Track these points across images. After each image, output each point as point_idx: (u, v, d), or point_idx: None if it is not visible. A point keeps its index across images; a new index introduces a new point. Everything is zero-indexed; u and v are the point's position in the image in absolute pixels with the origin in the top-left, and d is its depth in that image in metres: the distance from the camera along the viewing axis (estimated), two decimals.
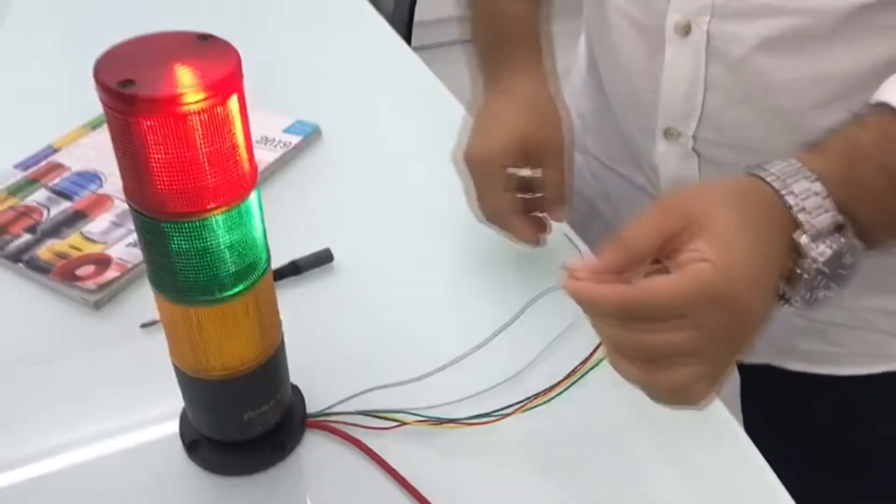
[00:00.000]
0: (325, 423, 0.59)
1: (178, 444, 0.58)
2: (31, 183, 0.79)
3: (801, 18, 0.58)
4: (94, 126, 0.86)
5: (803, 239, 0.45)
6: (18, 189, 0.78)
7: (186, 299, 0.48)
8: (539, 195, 0.68)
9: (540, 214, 0.68)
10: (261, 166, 0.80)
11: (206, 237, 0.46)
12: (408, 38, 1.72)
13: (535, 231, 0.67)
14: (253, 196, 0.48)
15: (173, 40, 0.44)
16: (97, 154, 0.83)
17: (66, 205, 0.77)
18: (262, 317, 0.52)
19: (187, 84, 0.42)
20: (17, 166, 0.81)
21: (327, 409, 0.59)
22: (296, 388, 0.60)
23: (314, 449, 0.59)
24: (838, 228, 0.45)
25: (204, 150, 0.43)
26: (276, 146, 0.84)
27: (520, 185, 0.67)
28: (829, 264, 0.45)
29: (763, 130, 0.64)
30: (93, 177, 0.80)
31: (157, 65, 0.42)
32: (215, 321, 0.49)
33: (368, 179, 0.83)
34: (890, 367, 0.74)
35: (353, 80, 0.98)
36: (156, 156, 0.43)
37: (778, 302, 0.47)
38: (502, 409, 0.59)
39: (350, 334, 0.67)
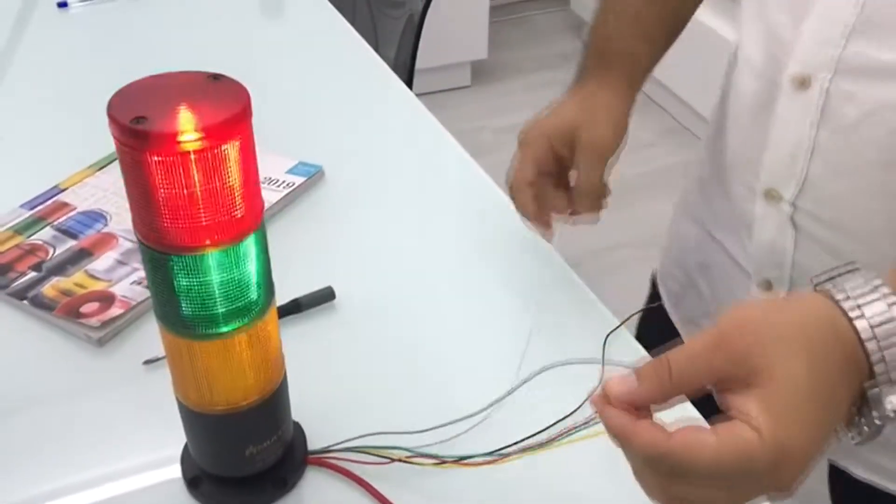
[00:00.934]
0: (326, 460, 0.59)
1: (180, 481, 0.58)
2: (38, 222, 0.80)
3: None
4: (100, 167, 0.88)
5: (873, 391, 0.41)
6: (24, 228, 0.79)
7: (189, 333, 0.49)
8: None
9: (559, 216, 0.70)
10: (264, 206, 0.82)
11: (202, 273, 0.47)
12: (409, 84, 1.75)
13: (543, 217, 0.68)
14: (251, 237, 0.48)
15: (183, 79, 0.45)
16: (103, 194, 0.84)
17: (71, 243, 0.78)
18: (265, 352, 0.52)
19: (187, 123, 0.43)
20: (23, 206, 0.82)
21: (328, 446, 0.59)
22: (297, 425, 0.60)
23: (315, 486, 0.59)
24: None
25: (200, 188, 0.44)
26: (279, 186, 0.85)
27: (552, 166, 0.68)
28: None
29: (868, 212, 0.60)
30: (98, 216, 0.81)
31: (170, 102, 0.43)
32: (218, 356, 0.50)
33: (370, 220, 0.84)
34: None
35: (355, 122, 1.00)
36: (160, 191, 0.44)
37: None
38: (504, 447, 0.59)
39: (351, 372, 0.67)
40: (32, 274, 0.74)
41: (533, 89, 2.71)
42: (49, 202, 0.83)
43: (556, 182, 0.69)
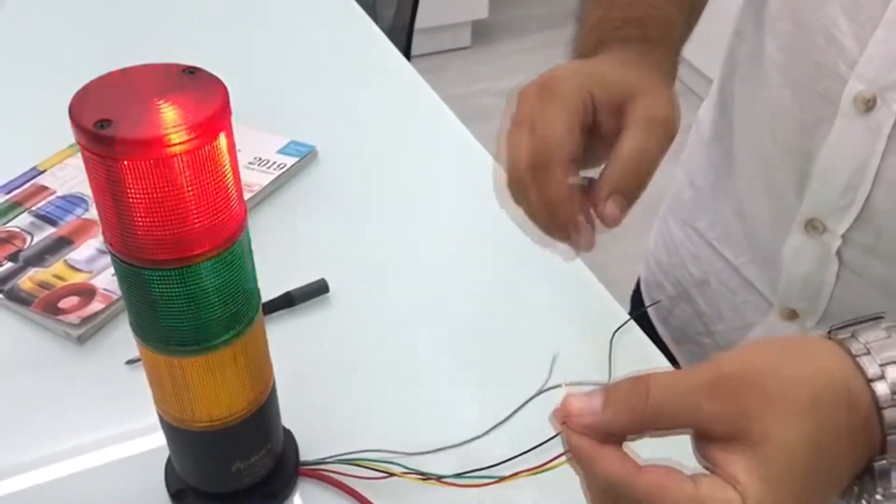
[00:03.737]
0: (319, 472, 0.56)
1: (164, 493, 0.55)
2: (14, 207, 0.76)
3: None
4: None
5: (881, 466, 0.35)
6: (1, 214, 0.75)
7: (171, 349, 0.45)
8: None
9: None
10: (254, 189, 0.77)
11: (191, 285, 0.43)
12: (408, 46, 1.69)
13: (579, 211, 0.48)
14: (242, 239, 0.45)
15: (155, 74, 0.41)
16: (84, 177, 0.79)
17: (50, 230, 0.74)
18: (252, 364, 0.49)
19: (170, 124, 0.38)
20: (0, 188, 0.78)
21: (322, 458, 0.56)
22: (288, 433, 0.57)
23: (307, 498, 0.55)
24: None
25: (190, 193, 0.40)
26: (269, 168, 0.80)
27: (586, 135, 0.48)
28: None
29: None
30: (79, 200, 0.77)
31: (138, 102, 0.39)
32: (201, 371, 0.46)
33: (367, 203, 0.80)
34: None
35: (350, 98, 0.95)
36: (137, 200, 0.40)
37: None
38: (505, 461, 0.55)
39: (346, 372, 0.64)
40: (8, 265, 0.70)
41: (536, 50, 2.64)
42: (27, 185, 0.78)
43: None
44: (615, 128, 0.48)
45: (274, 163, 0.81)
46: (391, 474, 0.55)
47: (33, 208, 0.76)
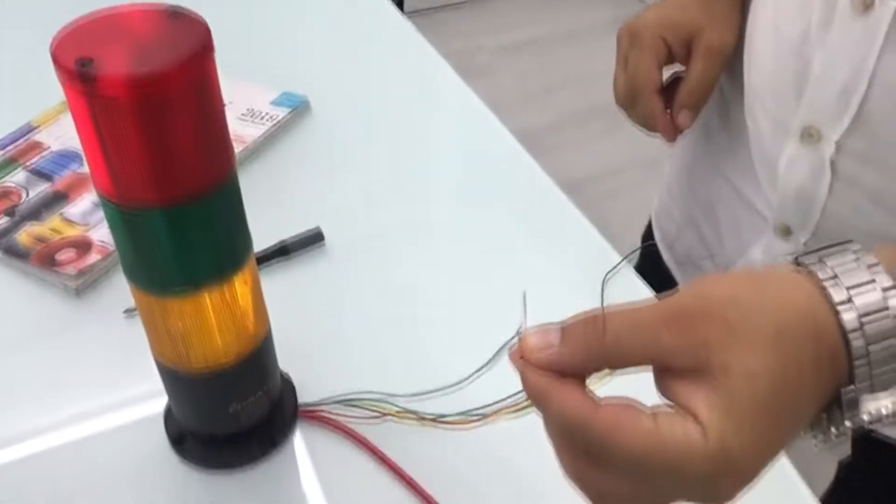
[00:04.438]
0: (317, 414, 0.56)
1: (164, 439, 0.56)
2: (9, 163, 0.76)
3: None
4: None
5: (849, 394, 0.35)
6: None
7: (163, 292, 0.46)
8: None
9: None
10: (246, 142, 0.77)
11: (181, 227, 0.43)
12: (400, 3, 1.68)
13: (668, 119, 0.67)
14: (230, 182, 0.45)
15: (139, 15, 0.41)
16: None
17: (45, 186, 0.74)
18: (246, 307, 0.49)
19: (153, 63, 0.38)
20: None
21: (321, 400, 0.57)
22: (286, 379, 0.58)
23: (306, 440, 0.56)
24: None
25: (178, 133, 0.40)
26: (262, 120, 0.80)
27: (667, 60, 0.67)
28: (878, 421, 0.35)
29: None
30: (73, 156, 0.77)
31: (121, 42, 0.39)
32: (195, 314, 0.47)
33: (361, 153, 0.80)
34: None
35: (342, 49, 0.94)
36: (123, 141, 0.40)
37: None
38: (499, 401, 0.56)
39: (342, 319, 0.64)
40: (5, 219, 0.70)
41: (533, 4, 2.61)
42: (21, 141, 0.78)
43: None
44: (687, 57, 0.66)
45: (266, 115, 0.81)
46: (386, 414, 0.55)
47: (28, 164, 0.76)
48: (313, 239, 0.69)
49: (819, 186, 0.58)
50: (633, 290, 0.67)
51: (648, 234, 0.85)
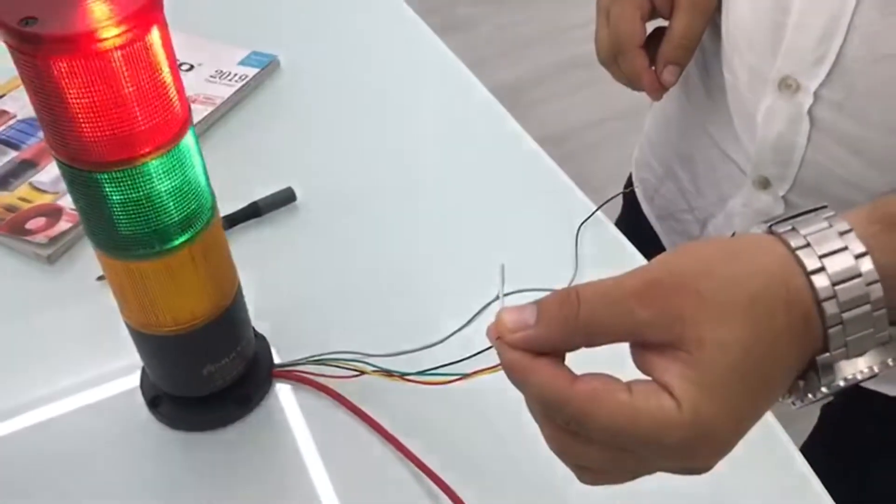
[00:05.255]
0: (293, 373, 0.57)
1: (140, 401, 0.56)
2: None
3: None
4: None
5: (824, 360, 0.35)
6: None
7: (127, 254, 0.45)
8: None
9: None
10: (216, 103, 0.76)
11: (141, 185, 0.43)
12: None
13: (653, 75, 0.65)
14: (189, 136, 0.44)
15: None
16: None
17: (12, 154, 0.73)
18: (213, 267, 0.49)
19: (101, 18, 0.38)
20: None
21: (296, 360, 0.57)
22: (261, 338, 0.58)
23: (282, 399, 0.56)
24: (882, 344, 0.35)
25: (129, 89, 0.40)
26: (231, 80, 0.79)
27: (649, 15, 0.65)
28: (852, 384, 0.35)
29: None
30: None
31: (64, 1, 0.38)
32: (160, 275, 0.46)
33: (332, 112, 0.79)
34: None
35: (313, 6, 0.93)
36: (74, 101, 0.39)
37: None
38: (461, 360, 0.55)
39: (315, 279, 0.64)
40: None
41: None
42: None
43: None
44: (670, 11, 0.64)
45: (235, 74, 0.80)
46: (361, 372, 0.55)
47: None
48: (285, 199, 0.68)
49: (797, 137, 0.58)
50: (611, 240, 0.67)
51: (629, 185, 0.85)
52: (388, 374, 0.54)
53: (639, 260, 0.66)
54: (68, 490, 0.52)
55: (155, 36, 0.40)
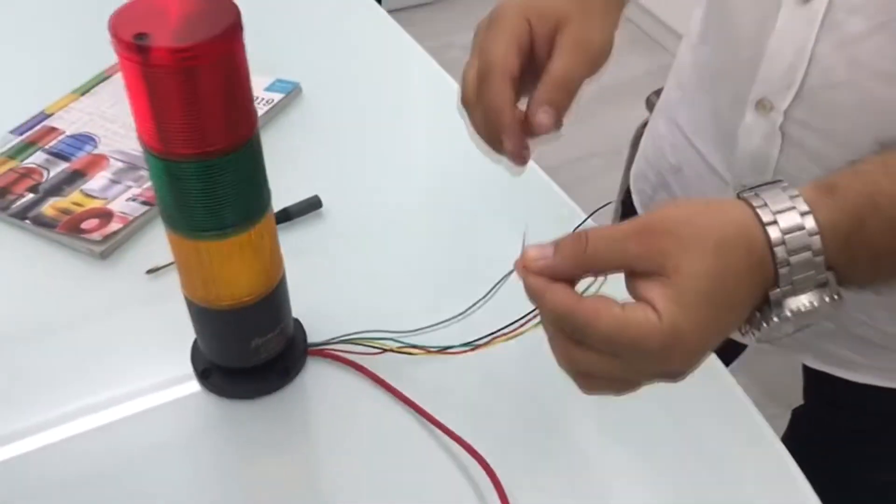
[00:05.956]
0: (325, 351, 0.65)
1: (191, 375, 0.63)
2: (29, 146, 0.83)
3: None
4: (83, 92, 0.90)
5: (775, 295, 0.44)
6: (17, 153, 0.82)
7: (197, 234, 0.54)
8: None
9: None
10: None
11: (211, 177, 0.51)
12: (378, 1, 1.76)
13: (516, 119, 0.55)
14: (254, 140, 0.53)
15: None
16: (89, 117, 0.87)
17: (64, 165, 0.81)
18: (265, 251, 0.57)
19: (194, 38, 0.46)
20: (12, 132, 0.85)
21: (327, 339, 0.65)
22: (297, 322, 0.66)
23: (315, 374, 0.64)
24: (821, 285, 0.44)
25: (210, 96, 0.48)
26: (259, 104, 0.88)
27: (526, 55, 0.56)
28: (798, 318, 0.45)
29: (856, 122, 0.62)
30: (87, 138, 0.84)
31: (166, 20, 0.47)
32: (222, 255, 0.55)
33: (349, 131, 0.88)
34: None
35: (329, 40, 1.02)
36: (167, 103, 0.48)
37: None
38: (479, 339, 0.64)
39: (341, 275, 0.73)
40: (30, 195, 0.77)
41: None
42: (37, 127, 0.86)
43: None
44: (549, 52, 0.56)
45: (262, 99, 0.89)
46: (386, 350, 0.64)
47: (46, 146, 0.83)
48: (312, 205, 0.77)
49: (771, 149, 0.68)
50: None
51: (627, 196, 0.95)
52: (410, 348, 0.63)
53: None
54: (133, 453, 0.60)
55: (234, 56, 0.49)
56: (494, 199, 0.80)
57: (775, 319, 0.45)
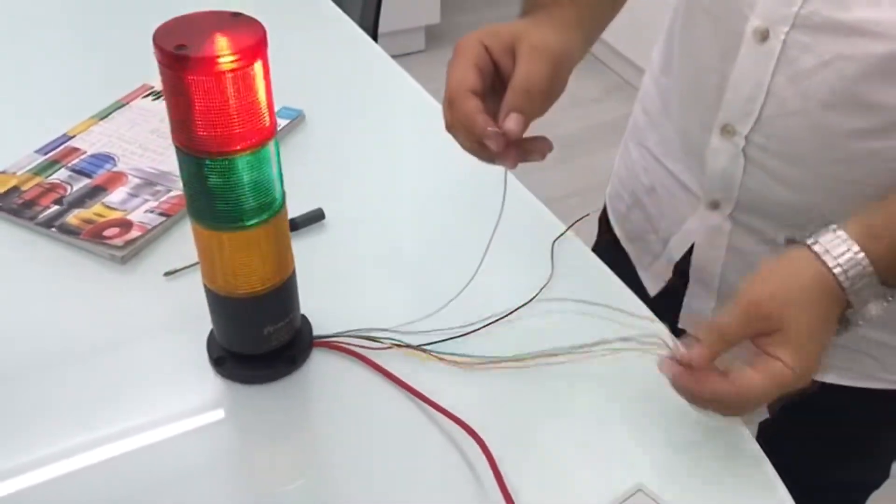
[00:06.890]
0: (329, 342, 0.71)
1: (206, 362, 0.70)
2: (53, 164, 0.90)
3: (887, 45, 0.61)
4: (102, 117, 0.97)
5: (851, 314, 0.61)
6: (42, 170, 0.89)
7: (218, 226, 0.60)
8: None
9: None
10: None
11: (232, 173, 0.58)
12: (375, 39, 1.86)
13: (488, 120, 0.61)
14: (271, 144, 0.60)
15: (211, 17, 0.56)
16: (108, 139, 0.94)
17: (86, 181, 0.88)
18: (278, 245, 0.64)
19: (223, 49, 0.54)
20: (37, 151, 0.92)
21: (331, 332, 0.71)
22: (304, 317, 0.72)
23: (320, 363, 0.71)
24: (879, 296, 0.60)
25: (234, 101, 0.56)
26: None
27: (490, 75, 0.63)
28: (867, 321, 0.61)
29: (811, 144, 0.69)
30: (107, 158, 0.91)
31: (201, 35, 0.54)
32: (241, 246, 0.61)
33: (349, 154, 0.96)
34: (871, 385, 0.85)
35: (330, 73, 1.11)
36: (198, 105, 0.55)
37: None
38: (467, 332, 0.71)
39: (344, 278, 0.79)
40: (56, 207, 0.84)
41: None
42: (61, 147, 0.93)
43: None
44: (512, 65, 0.62)
45: None
46: (375, 339, 0.70)
47: (69, 164, 0.90)
48: (316, 217, 0.84)
49: (736, 169, 0.76)
50: (581, 256, 0.83)
51: (604, 216, 1.02)
52: (401, 344, 0.69)
53: (603, 270, 0.82)
54: (152, 437, 0.66)
55: (258, 66, 0.56)
56: (479, 214, 0.87)
57: (850, 321, 0.61)
